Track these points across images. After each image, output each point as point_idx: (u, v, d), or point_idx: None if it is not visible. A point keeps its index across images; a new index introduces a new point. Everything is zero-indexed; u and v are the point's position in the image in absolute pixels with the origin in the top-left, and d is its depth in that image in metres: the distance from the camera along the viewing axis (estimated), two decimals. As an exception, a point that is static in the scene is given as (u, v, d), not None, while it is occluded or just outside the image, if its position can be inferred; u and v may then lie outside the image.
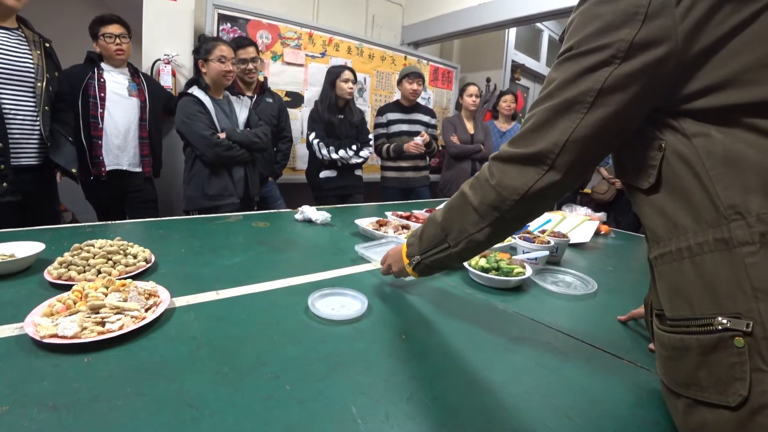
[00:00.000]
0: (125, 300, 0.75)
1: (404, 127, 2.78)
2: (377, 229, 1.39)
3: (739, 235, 0.41)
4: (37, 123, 1.67)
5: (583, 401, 0.60)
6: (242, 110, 2.04)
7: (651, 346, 0.79)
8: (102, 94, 2.06)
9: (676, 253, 0.47)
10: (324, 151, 2.40)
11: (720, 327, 0.42)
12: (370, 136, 2.67)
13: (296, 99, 3.10)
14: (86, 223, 1.44)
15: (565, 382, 0.65)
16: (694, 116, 0.48)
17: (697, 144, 0.47)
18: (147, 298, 0.77)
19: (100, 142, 2.06)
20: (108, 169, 2.09)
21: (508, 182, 0.60)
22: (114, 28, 2.05)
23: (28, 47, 1.66)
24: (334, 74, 2.43)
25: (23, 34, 1.67)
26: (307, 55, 3.11)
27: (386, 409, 0.55)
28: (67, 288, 0.82)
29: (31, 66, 1.65)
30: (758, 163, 0.42)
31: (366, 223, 1.45)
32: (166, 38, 2.54)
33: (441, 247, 0.74)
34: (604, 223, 1.95)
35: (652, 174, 0.51)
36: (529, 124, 0.59)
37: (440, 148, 3.20)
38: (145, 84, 2.21)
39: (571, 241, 1.40)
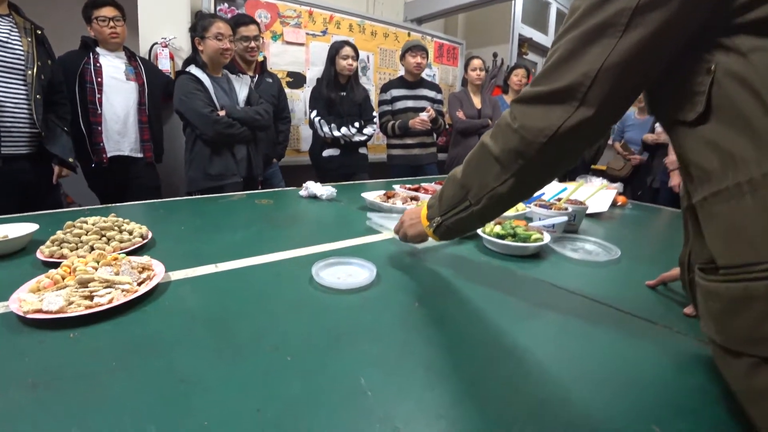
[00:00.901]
0: (117, 274, 0.70)
1: (409, 104, 2.69)
2: (385, 201, 1.33)
3: None
4: (30, 111, 1.62)
5: (619, 368, 0.54)
6: (242, 88, 1.97)
7: (687, 309, 0.72)
8: (99, 79, 2.00)
9: (734, 188, 0.40)
10: (326, 129, 2.33)
11: None
12: (375, 113, 2.58)
13: (298, 79, 3.02)
14: (86, 207, 1.40)
15: (595, 349, 0.59)
16: (749, 30, 0.40)
17: (754, 60, 0.39)
18: (140, 272, 0.72)
19: (99, 128, 2.01)
20: (109, 155, 2.04)
21: (533, 124, 0.53)
22: (107, 11, 1.98)
23: (18, 34, 1.60)
24: (333, 50, 2.35)
25: (14, 21, 1.61)
26: (307, 34, 3.02)
27: (399, 381, 0.49)
28: (59, 266, 0.77)
29: (21, 53, 1.60)
30: None
31: (373, 195, 1.39)
32: (163, 21, 2.46)
33: (462, 206, 0.68)
34: (620, 193, 1.86)
35: (699, 102, 0.44)
36: (553, 58, 0.52)
37: (447, 126, 3.11)
38: (142, 67, 2.15)
39: (588, 210, 1.32)
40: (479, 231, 1.01)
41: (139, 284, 0.70)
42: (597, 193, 1.48)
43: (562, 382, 0.51)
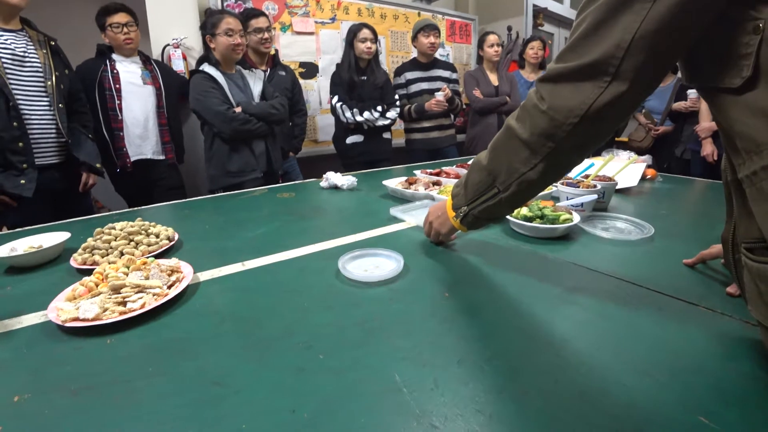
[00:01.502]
0: (147, 278, 0.71)
1: (424, 85, 2.64)
2: (407, 188, 1.31)
3: None
4: (54, 121, 1.66)
5: (662, 355, 0.52)
6: (256, 83, 1.97)
7: (730, 288, 0.68)
8: (117, 86, 2.03)
9: None
10: (348, 114, 2.31)
11: None
12: (396, 96, 2.54)
13: (311, 69, 2.99)
14: (113, 212, 1.43)
15: (636, 335, 0.56)
16: None
17: None
18: (169, 275, 0.73)
19: (121, 134, 2.05)
20: (132, 159, 2.09)
21: (562, 103, 0.51)
22: (120, 17, 2.00)
23: (33, 47, 1.64)
24: (351, 33, 2.32)
25: (27, 35, 1.64)
26: (316, 23, 2.98)
27: (434, 375, 0.48)
28: (92, 272, 0.79)
29: (39, 65, 1.63)
30: None
31: (395, 183, 1.37)
32: (173, 21, 2.47)
33: (490, 193, 0.66)
34: (649, 166, 1.79)
35: (745, 66, 0.40)
36: (580, 30, 0.49)
37: (464, 106, 3.04)
38: (158, 71, 2.17)
39: (617, 186, 1.27)
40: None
41: (169, 287, 0.71)
42: (626, 168, 1.42)
43: (603, 371, 0.49)
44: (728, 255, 0.53)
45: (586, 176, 1.26)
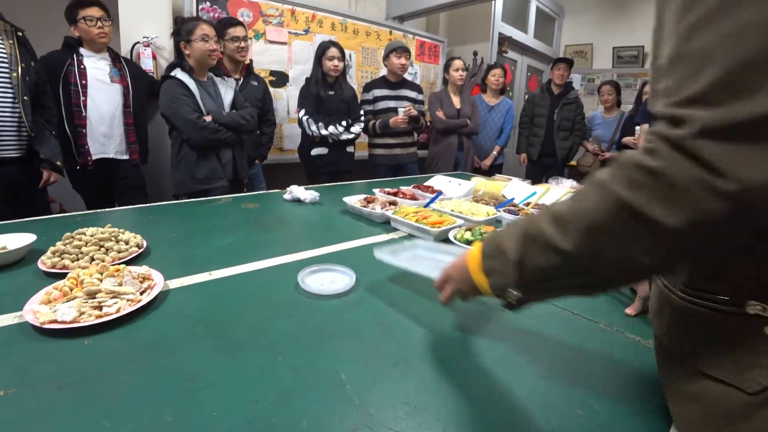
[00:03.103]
0: (120, 284, 0.78)
1: (391, 104, 2.77)
2: (365, 206, 1.41)
3: None
4: (18, 113, 1.64)
5: (559, 360, 0.65)
6: (227, 92, 2.02)
7: (628, 310, 0.82)
8: (83, 82, 2.00)
9: None
10: (313, 128, 2.41)
11: (751, 312, 0.39)
12: (362, 111, 2.66)
13: (281, 78, 3.06)
14: (76, 213, 1.45)
15: (544, 345, 0.69)
16: None
17: None
18: (141, 282, 0.80)
19: (84, 131, 2.02)
20: (94, 158, 2.06)
21: (756, 174, 0.31)
22: (94, 11, 1.97)
23: (0, 37, 1.62)
24: (320, 50, 2.43)
25: None
26: (290, 33, 3.05)
27: (374, 374, 0.59)
28: (61, 276, 0.83)
29: (4, 56, 1.62)
30: None
31: (354, 200, 1.47)
32: (144, 20, 2.47)
33: (568, 278, 0.45)
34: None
35: None
36: (727, 58, 0.31)
37: (428, 123, 3.20)
38: (126, 69, 2.16)
39: (555, 212, 1.43)
40: (450, 236, 1.11)
41: (141, 293, 0.77)
42: (564, 197, 1.59)
43: (511, 373, 0.61)
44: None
45: (527, 204, 1.41)
